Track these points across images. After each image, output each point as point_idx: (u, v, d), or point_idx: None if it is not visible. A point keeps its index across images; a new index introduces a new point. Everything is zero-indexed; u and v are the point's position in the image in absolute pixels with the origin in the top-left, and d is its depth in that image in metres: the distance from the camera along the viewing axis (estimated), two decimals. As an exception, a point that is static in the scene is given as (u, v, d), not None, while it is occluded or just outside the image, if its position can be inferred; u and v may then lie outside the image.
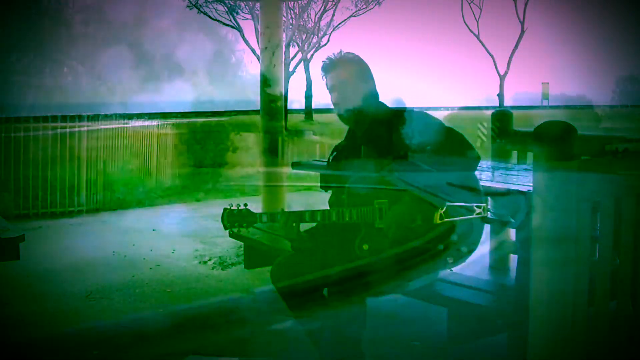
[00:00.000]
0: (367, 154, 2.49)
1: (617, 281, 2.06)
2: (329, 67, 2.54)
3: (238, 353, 2.90)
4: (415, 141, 2.39)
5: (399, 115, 2.50)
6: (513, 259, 3.91)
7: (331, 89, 2.54)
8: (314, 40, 24.27)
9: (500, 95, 30.51)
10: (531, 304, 1.92)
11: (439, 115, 2.61)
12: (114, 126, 7.52)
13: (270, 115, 5.02)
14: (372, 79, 2.56)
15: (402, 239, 2.34)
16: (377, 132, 2.49)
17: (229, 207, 2.43)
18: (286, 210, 2.45)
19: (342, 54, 2.56)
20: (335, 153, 2.63)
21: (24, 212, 6.21)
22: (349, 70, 2.53)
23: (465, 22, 30.38)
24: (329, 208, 2.51)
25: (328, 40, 24.53)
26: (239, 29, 22.56)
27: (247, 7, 21.38)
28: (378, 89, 2.57)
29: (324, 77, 2.55)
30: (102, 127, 7.26)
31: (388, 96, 2.59)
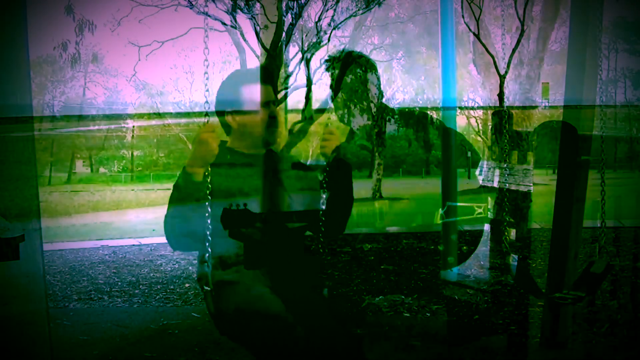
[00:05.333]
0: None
1: (617, 281, 2.06)
2: (331, 65, 2.53)
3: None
4: (416, 141, 2.38)
5: (400, 115, 2.50)
6: (513, 259, 3.91)
7: (331, 87, 2.53)
8: (314, 40, 24.28)
9: (500, 95, 30.54)
10: (531, 302, 1.92)
11: (439, 114, 2.60)
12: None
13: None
14: (377, 78, 2.54)
15: None
16: (378, 132, 2.48)
17: (228, 207, 2.41)
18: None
19: (345, 51, 2.54)
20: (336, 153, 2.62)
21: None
22: (351, 69, 2.51)
23: (465, 22, 30.38)
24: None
25: (328, 40, 24.54)
26: (239, 29, 22.56)
27: (247, 7, 21.38)
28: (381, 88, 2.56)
29: (329, 74, 2.53)
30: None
31: (388, 96, 2.58)
